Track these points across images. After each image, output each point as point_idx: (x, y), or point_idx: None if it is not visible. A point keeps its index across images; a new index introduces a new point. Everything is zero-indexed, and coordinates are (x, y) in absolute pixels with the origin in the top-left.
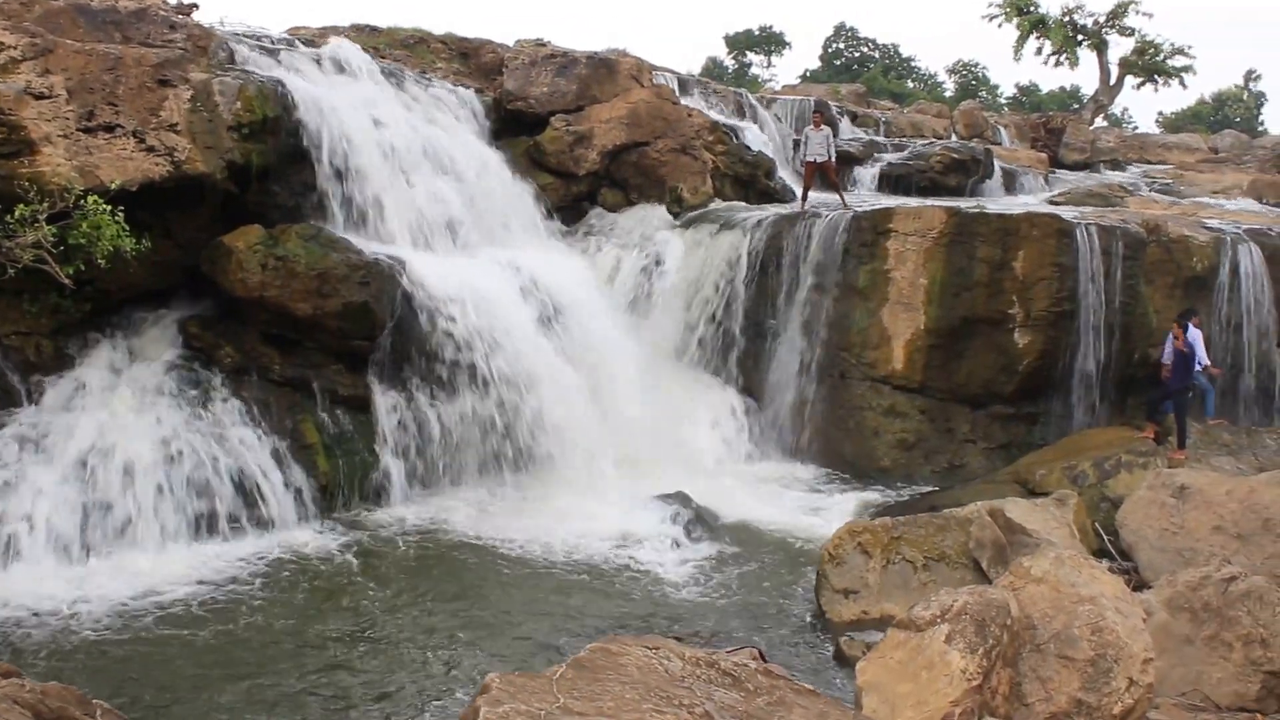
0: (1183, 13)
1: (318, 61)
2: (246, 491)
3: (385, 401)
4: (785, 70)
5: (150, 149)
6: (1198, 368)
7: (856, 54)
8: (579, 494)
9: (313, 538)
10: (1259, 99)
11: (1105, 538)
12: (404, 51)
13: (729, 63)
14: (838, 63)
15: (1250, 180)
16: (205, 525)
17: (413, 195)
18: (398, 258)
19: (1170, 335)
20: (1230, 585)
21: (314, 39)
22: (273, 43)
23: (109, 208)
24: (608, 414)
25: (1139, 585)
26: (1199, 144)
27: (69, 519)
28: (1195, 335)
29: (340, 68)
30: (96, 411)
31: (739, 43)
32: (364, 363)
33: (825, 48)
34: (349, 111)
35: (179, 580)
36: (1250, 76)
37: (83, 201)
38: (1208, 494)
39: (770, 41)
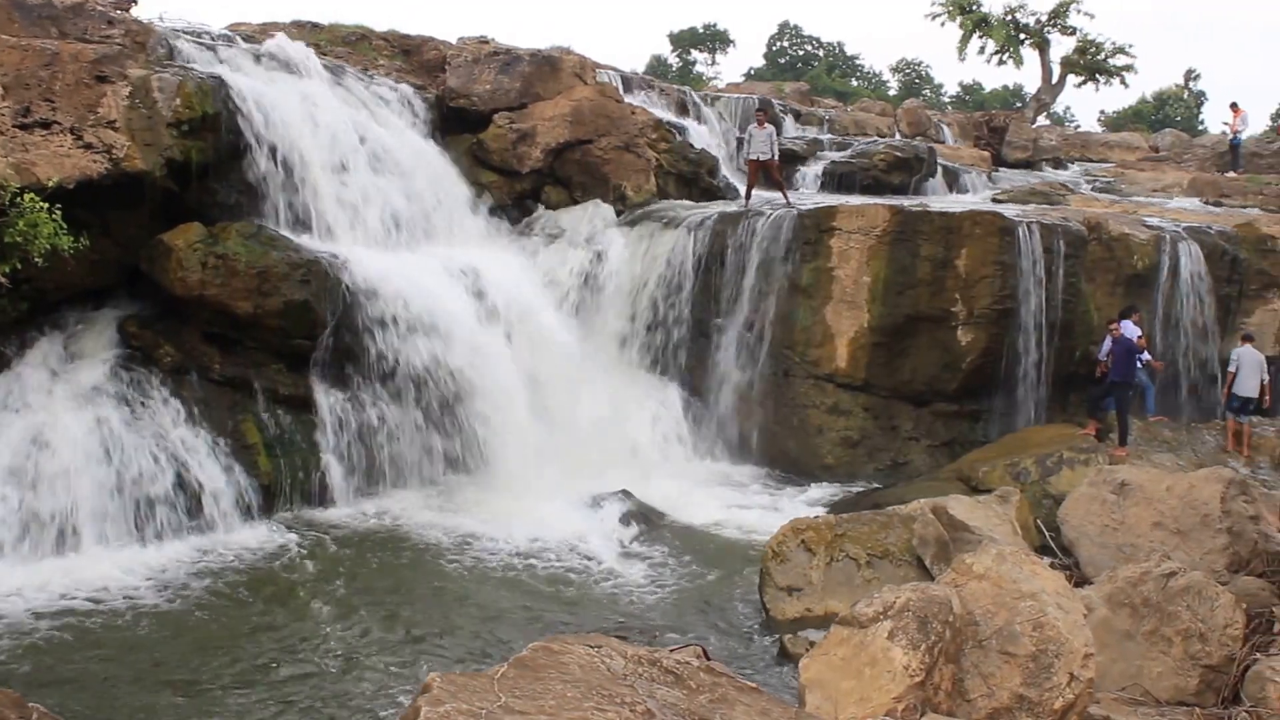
0: (1124, 14)
1: (258, 58)
2: (187, 492)
3: (327, 401)
4: (729, 68)
5: (88, 146)
6: (1139, 363)
7: (801, 52)
8: (522, 493)
9: (254, 538)
10: (1199, 98)
11: (1047, 534)
12: (346, 48)
13: (673, 60)
14: (782, 61)
15: (1190, 179)
16: (145, 526)
17: (354, 193)
18: (339, 256)
19: (1109, 333)
20: (1170, 580)
21: (255, 35)
22: (213, 39)
23: (46, 205)
24: (551, 413)
25: (1080, 581)
26: (1140, 143)
27: (6, 519)
28: (1132, 332)
29: (281, 64)
30: (34, 411)
31: (683, 40)
32: (305, 362)
33: (770, 46)
34: (290, 109)
35: (118, 581)
36: (1190, 76)
37: (19, 199)
38: (1148, 490)
39: (714, 39)
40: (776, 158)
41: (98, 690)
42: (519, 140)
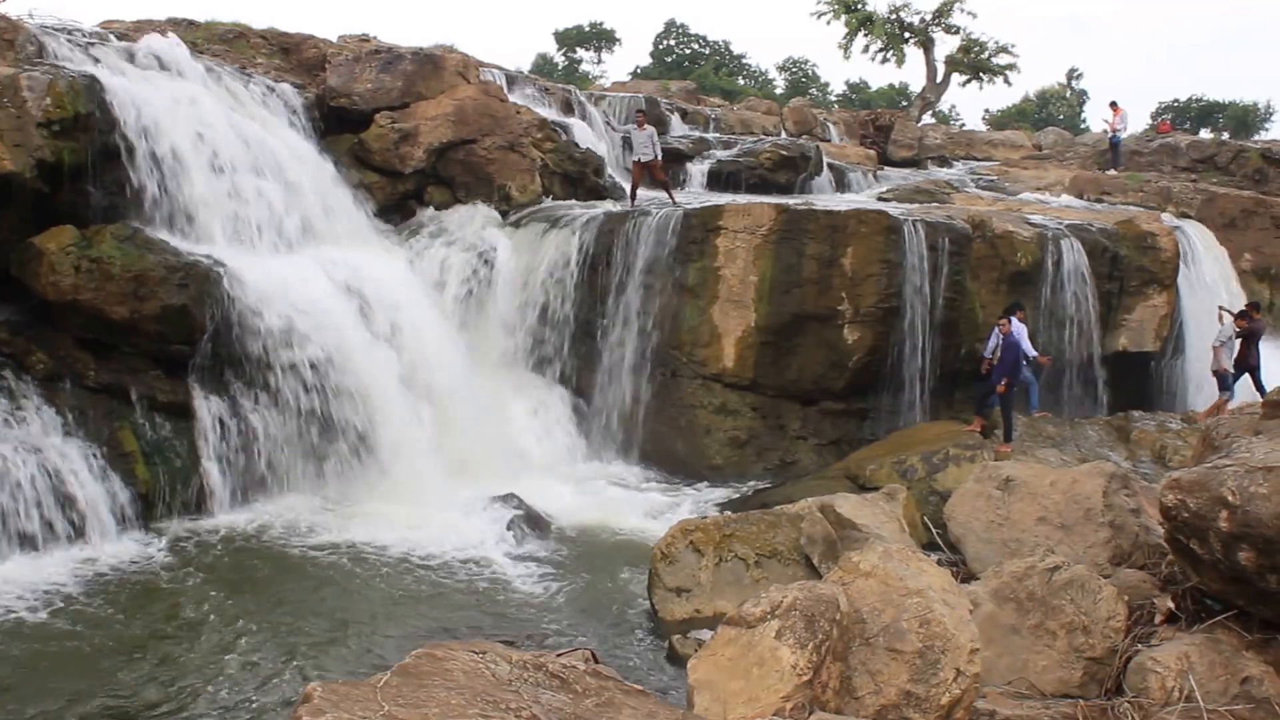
0: (1007, 13)
1: (132, 56)
2: (62, 503)
3: (207, 408)
4: (616, 67)
5: None
6: (1025, 361)
7: (687, 51)
8: (408, 498)
9: (132, 548)
10: (1081, 97)
11: (934, 531)
12: (223, 46)
13: (559, 59)
14: (669, 59)
15: (1072, 176)
16: (17, 538)
17: (233, 194)
18: (218, 259)
19: (995, 330)
20: (1054, 575)
21: (128, 33)
22: (85, 36)
23: None
24: (436, 417)
25: (967, 577)
26: (1023, 141)
27: None
28: (1020, 329)
29: (156, 63)
30: None
31: (569, 39)
32: (184, 368)
33: (656, 44)
34: (166, 108)
35: None
36: (1072, 75)
37: None
38: (1032, 485)
39: (601, 38)
40: (659, 157)
41: None
42: (401, 140)
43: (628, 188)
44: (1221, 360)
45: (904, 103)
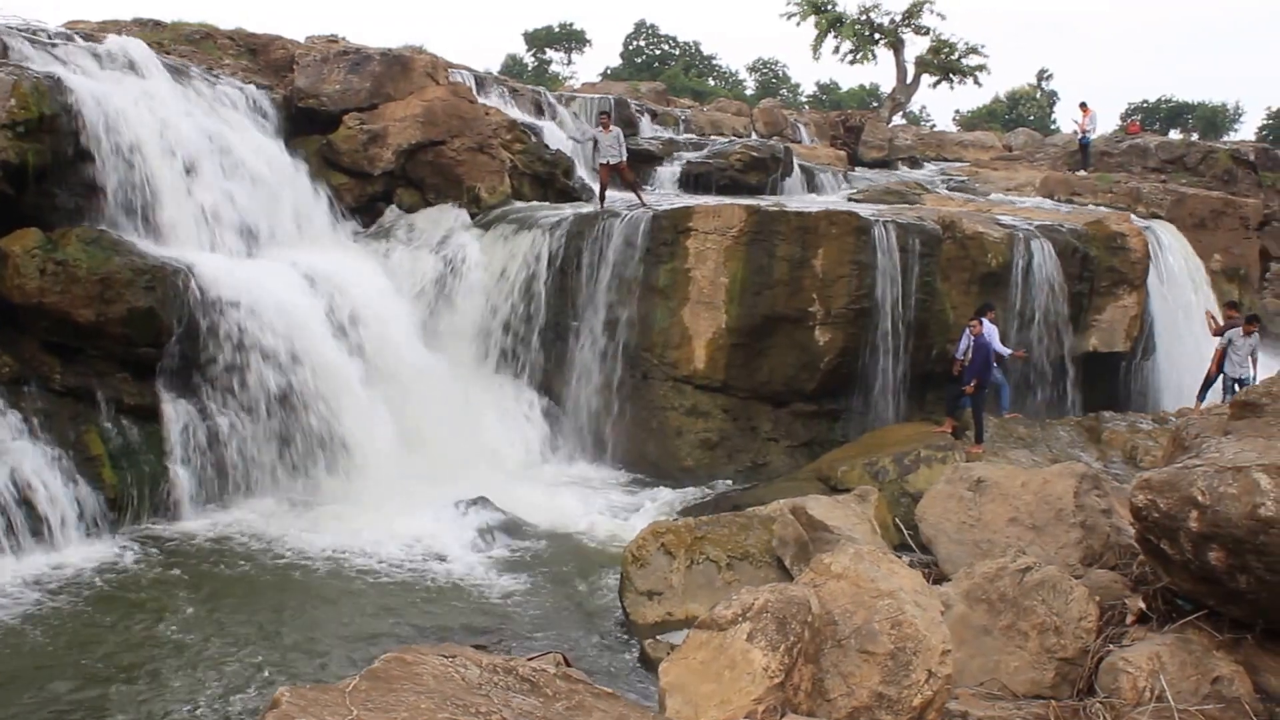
0: (977, 13)
1: (98, 57)
2: (27, 507)
3: (174, 411)
4: (586, 68)
5: None
6: (995, 362)
7: (657, 51)
8: (378, 501)
9: (99, 553)
10: (1051, 98)
11: (906, 532)
12: (190, 47)
13: (529, 60)
14: (639, 60)
15: (1042, 177)
16: None
17: (200, 196)
18: (185, 261)
19: (967, 330)
20: (1025, 575)
21: (94, 34)
22: (49, 37)
23: None
24: (407, 419)
25: (939, 578)
26: (993, 142)
27: None
28: (991, 330)
29: (123, 64)
30: None
31: (539, 40)
32: (151, 371)
33: (626, 45)
34: (132, 110)
35: None
36: (1042, 75)
37: None
38: (1004, 486)
39: (570, 39)
40: (625, 159)
41: None
42: (370, 141)
43: (598, 189)
44: (1225, 366)
45: (874, 103)
